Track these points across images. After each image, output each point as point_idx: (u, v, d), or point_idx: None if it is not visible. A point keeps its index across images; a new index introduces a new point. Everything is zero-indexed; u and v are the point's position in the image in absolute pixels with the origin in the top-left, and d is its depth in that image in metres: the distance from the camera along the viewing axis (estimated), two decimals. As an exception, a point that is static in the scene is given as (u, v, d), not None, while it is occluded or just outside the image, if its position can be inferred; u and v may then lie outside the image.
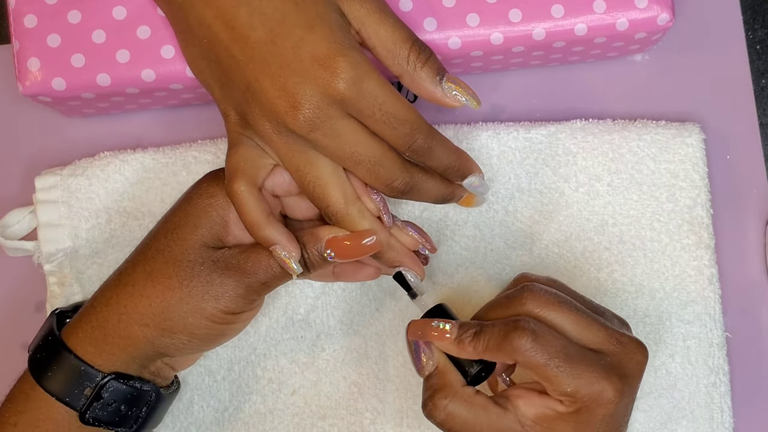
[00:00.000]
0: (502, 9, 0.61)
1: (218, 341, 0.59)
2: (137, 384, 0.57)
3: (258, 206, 0.55)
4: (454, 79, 0.55)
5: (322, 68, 0.52)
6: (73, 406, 0.56)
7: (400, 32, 0.55)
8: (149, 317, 0.56)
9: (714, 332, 0.65)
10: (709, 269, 0.65)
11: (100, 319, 0.57)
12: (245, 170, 0.55)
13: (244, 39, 0.53)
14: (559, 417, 0.53)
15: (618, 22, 0.61)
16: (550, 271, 0.66)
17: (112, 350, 0.56)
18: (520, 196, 0.66)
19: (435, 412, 0.55)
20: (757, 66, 0.69)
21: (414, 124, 0.54)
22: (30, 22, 0.61)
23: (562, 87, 0.69)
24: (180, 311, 0.56)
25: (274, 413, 0.65)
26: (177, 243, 0.57)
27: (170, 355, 0.58)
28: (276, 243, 0.55)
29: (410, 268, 0.59)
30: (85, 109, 0.66)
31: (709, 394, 0.64)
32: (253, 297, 0.57)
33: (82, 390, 0.56)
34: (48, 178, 0.66)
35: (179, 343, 0.57)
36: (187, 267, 0.56)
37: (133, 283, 0.57)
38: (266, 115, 0.53)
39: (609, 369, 0.53)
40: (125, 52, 0.61)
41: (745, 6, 0.69)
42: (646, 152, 0.66)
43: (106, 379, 0.56)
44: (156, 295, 0.56)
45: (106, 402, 0.56)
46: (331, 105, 0.52)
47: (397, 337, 0.65)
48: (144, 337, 0.56)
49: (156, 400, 0.58)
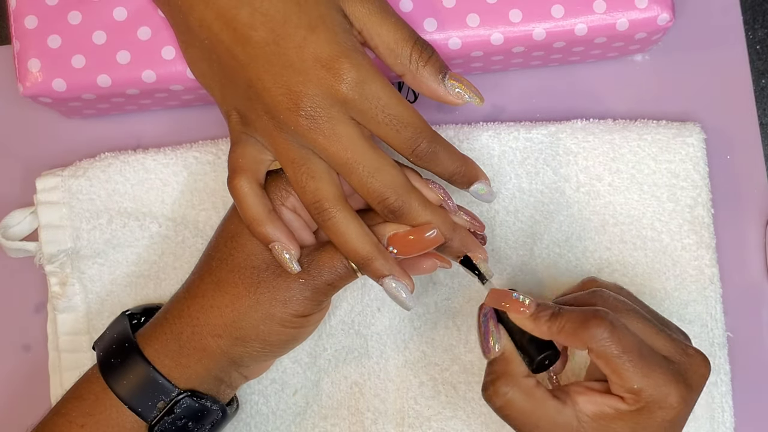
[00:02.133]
0: (502, 9, 0.61)
1: (291, 345, 0.59)
2: (208, 403, 0.57)
3: (258, 202, 0.55)
4: (456, 77, 0.55)
5: (324, 69, 0.52)
6: (144, 417, 0.56)
7: (402, 31, 0.54)
8: (221, 328, 0.56)
9: (715, 332, 0.65)
10: (710, 269, 0.65)
11: (174, 331, 0.57)
12: (245, 166, 0.55)
13: (246, 39, 0.53)
14: (619, 416, 0.53)
15: (618, 22, 0.61)
16: (551, 271, 0.66)
17: (189, 363, 0.56)
18: (520, 196, 0.66)
19: (495, 398, 0.54)
20: (757, 66, 0.69)
21: (417, 128, 0.54)
22: (30, 23, 0.61)
23: (563, 87, 0.69)
24: (251, 319, 0.56)
25: (276, 413, 0.65)
26: (238, 251, 0.57)
27: (245, 365, 0.58)
28: (275, 240, 0.55)
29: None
30: (85, 110, 0.66)
31: (710, 394, 0.64)
32: (321, 298, 0.57)
33: (155, 402, 0.56)
34: (49, 179, 0.66)
35: (253, 351, 0.57)
36: (252, 274, 0.56)
37: (202, 295, 0.57)
38: (268, 112, 0.53)
39: (676, 375, 0.52)
40: (126, 53, 0.61)
41: (745, 6, 0.69)
42: (647, 152, 0.66)
43: (181, 395, 0.56)
44: (226, 305, 0.56)
45: (177, 417, 0.56)
46: (333, 106, 0.52)
47: (397, 336, 0.66)
48: (218, 348, 0.56)
49: (221, 419, 0.59)
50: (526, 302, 0.54)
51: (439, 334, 0.66)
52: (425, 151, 0.54)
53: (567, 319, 0.53)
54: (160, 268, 0.66)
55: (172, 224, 0.66)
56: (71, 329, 0.66)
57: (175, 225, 0.66)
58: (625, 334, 0.52)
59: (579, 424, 0.53)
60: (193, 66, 0.58)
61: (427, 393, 0.65)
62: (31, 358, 0.67)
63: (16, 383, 0.67)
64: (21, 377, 0.67)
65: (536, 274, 0.66)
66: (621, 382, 0.52)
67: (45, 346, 0.67)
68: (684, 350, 0.54)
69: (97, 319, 0.66)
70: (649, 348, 0.53)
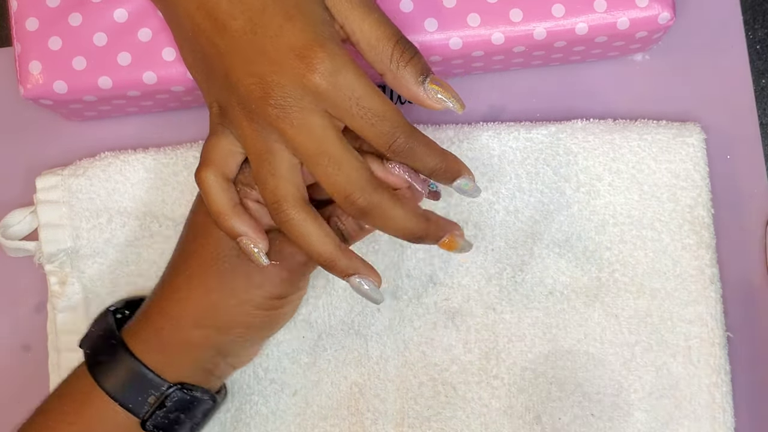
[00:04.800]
0: (503, 9, 0.61)
1: (273, 328, 0.59)
2: (198, 394, 0.57)
3: (224, 196, 0.55)
4: (437, 81, 0.53)
5: (298, 58, 0.51)
6: (135, 413, 0.56)
7: (384, 29, 0.53)
8: (201, 319, 0.56)
9: (715, 332, 0.65)
10: (710, 269, 0.65)
11: (156, 327, 0.57)
12: (214, 159, 0.55)
13: (225, 28, 0.52)
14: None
15: (619, 21, 0.61)
16: (551, 272, 0.66)
17: (175, 357, 0.56)
18: (520, 196, 0.66)
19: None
20: (757, 66, 0.69)
21: (394, 122, 0.52)
22: (31, 25, 0.61)
23: (563, 87, 0.69)
24: (228, 306, 0.56)
25: (276, 414, 0.66)
26: (208, 241, 0.57)
27: (233, 354, 0.58)
28: (242, 234, 0.54)
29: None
30: (86, 112, 0.66)
31: (711, 394, 0.64)
32: (296, 278, 0.57)
33: (146, 398, 0.56)
34: (49, 179, 0.66)
35: (237, 338, 0.57)
36: (224, 262, 0.56)
37: (177, 289, 0.57)
38: (241, 102, 0.52)
39: None
40: (126, 54, 0.61)
41: (745, 6, 0.69)
42: (647, 152, 0.66)
43: (171, 389, 0.56)
44: (200, 297, 0.56)
45: (169, 410, 0.56)
46: (304, 96, 0.51)
47: (397, 337, 0.66)
48: (202, 338, 0.56)
49: (212, 408, 0.59)
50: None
51: (438, 335, 0.66)
52: (403, 146, 0.52)
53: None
54: (159, 267, 0.66)
55: (172, 224, 0.66)
56: (71, 329, 0.66)
57: (175, 225, 0.66)
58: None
59: None
60: (184, 60, 0.58)
61: (427, 393, 0.65)
62: (31, 358, 0.68)
63: (16, 383, 0.67)
64: (21, 377, 0.67)
65: (536, 274, 0.66)
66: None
67: (45, 346, 0.67)
68: None
69: (96, 318, 0.66)
70: None
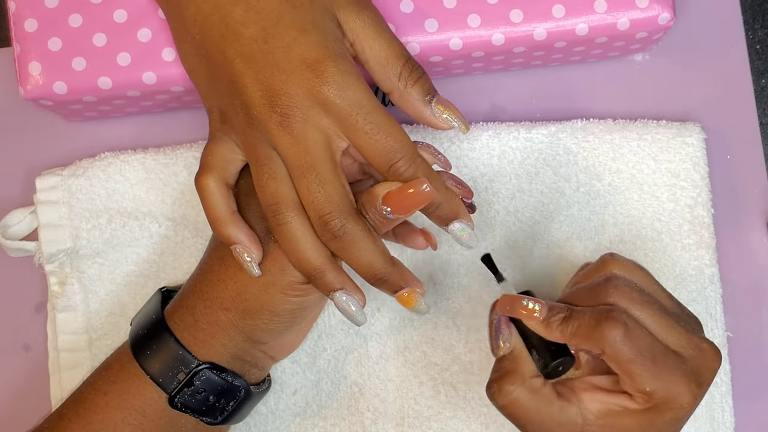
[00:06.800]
0: (503, 9, 0.61)
1: (300, 315, 0.58)
2: (229, 378, 0.58)
3: (222, 202, 0.55)
4: (444, 101, 0.54)
5: (309, 70, 0.51)
6: (164, 388, 0.57)
7: (394, 48, 0.54)
8: (228, 301, 0.57)
9: (715, 332, 0.65)
10: (709, 269, 0.65)
11: (189, 306, 0.58)
12: (214, 165, 0.55)
13: (237, 35, 0.53)
14: (627, 413, 0.53)
15: (619, 21, 0.61)
16: (551, 272, 0.66)
17: (204, 337, 0.57)
18: (520, 196, 0.66)
19: (498, 396, 0.55)
20: (757, 66, 0.69)
21: (399, 141, 0.52)
22: (31, 26, 0.61)
23: (563, 87, 0.69)
24: (253, 290, 0.56)
25: (275, 413, 0.66)
26: None
27: (261, 341, 0.58)
28: (238, 242, 0.55)
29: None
30: (86, 113, 0.66)
31: (710, 394, 0.65)
32: None
33: (176, 374, 0.57)
34: (49, 179, 0.66)
35: (263, 324, 0.57)
36: None
37: (209, 270, 0.58)
38: (244, 108, 0.53)
39: (689, 375, 0.52)
40: (126, 55, 0.61)
41: (745, 6, 0.69)
42: (647, 152, 0.66)
43: (201, 366, 0.57)
44: (229, 278, 0.57)
45: (197, 390, 0.57)
46: (311, 108, 0.52)
47: (398, 336, 0.66)
48: (228, 321, 0.57)
49: (245, 396, 0.59)
50: (537, 308, 0.54)
51: (439, 334, 0.66)
52: (404, 167, 0.52)
53: (579, 322, 0.53)
54: (159, 267, 0.66)
55: (172, 224, 0.66)
56: (71, 328, 0.66)
57: (175, 225, 0.66)
58: (639, 335, 0.52)
59: (584, 422, 0.53)
60: (184, 62, 0.58)
61: (427, 393, 0.65)
62: (31, 358, 0.68)
63: (16, 383, 0.67)
64: (21, 377, 0.67)
65: (536, 274, 0.66)
66: (633, 384, 0.52)
67: (45, 346, 0.67)
68: (697, 345, 0.53)
69: (96, 318, 0.66)
70: (662, 349, 0.52)
